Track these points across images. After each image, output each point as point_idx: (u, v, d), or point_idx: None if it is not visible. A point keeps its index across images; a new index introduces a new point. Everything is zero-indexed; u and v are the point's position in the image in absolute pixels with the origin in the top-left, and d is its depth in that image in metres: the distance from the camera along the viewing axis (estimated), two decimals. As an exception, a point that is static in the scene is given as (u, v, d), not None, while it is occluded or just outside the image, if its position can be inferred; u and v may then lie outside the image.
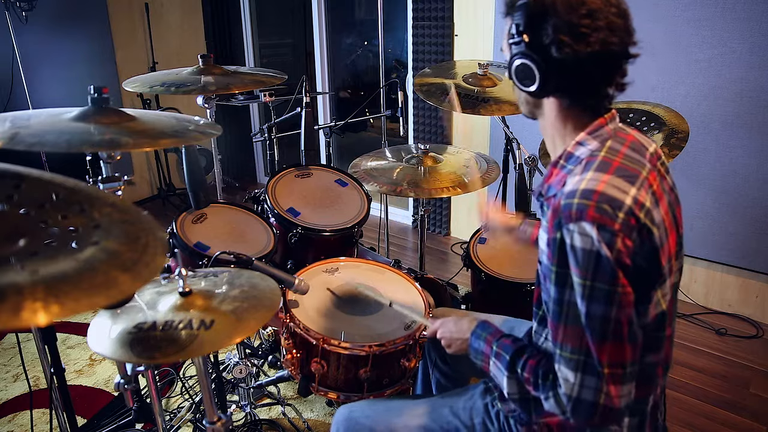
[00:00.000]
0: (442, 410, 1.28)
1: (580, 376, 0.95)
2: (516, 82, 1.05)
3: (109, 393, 2.29)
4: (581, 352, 0.95)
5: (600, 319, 0.92)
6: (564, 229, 0.93)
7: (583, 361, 0.95)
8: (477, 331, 1.22)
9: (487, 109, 2.07)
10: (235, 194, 4.62)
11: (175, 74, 1.96)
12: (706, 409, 2.20)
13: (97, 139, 1.18)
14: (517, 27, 1.00)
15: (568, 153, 1.06)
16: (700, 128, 2.63)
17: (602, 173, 0.96)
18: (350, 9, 5.05)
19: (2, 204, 0.76)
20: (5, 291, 0.61)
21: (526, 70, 1.01)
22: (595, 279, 0.91)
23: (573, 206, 0.93)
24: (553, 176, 1.08)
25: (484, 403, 1.25)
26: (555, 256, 0.96)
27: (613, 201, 0.92)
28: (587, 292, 0.92)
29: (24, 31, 3.43)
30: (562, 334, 0.97)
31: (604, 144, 1.03)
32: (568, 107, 1.06)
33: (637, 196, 0.94)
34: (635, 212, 0.93)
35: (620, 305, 0.92)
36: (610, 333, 0.93)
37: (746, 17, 2.45)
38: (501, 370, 1.12)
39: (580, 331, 0.95)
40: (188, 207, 2.00)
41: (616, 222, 0.91)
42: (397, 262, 2.04)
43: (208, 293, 1.15)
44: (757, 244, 2.67)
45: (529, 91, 1.04)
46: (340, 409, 1.36)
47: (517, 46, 1.01)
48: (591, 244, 0.91)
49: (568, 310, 0.96)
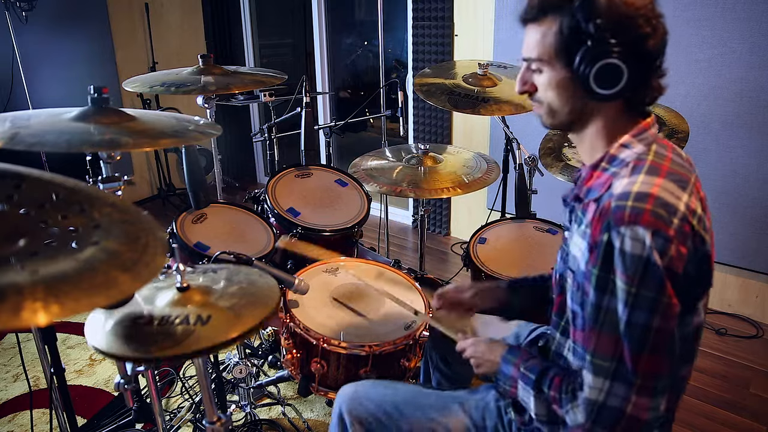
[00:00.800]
0: (451, 405, 1.26)
1: (609, 383, 0.92)
2: (593, 86, 0.94)
3: (109, 393, 2.29)
4: (614, 360, 0.91)
5: (641, 328, 0.88)
6: (613, 232, 0.89)
7: (615, 368, 0.91)
8: (507, 357, 1.18)
9: (487, 109, 2.06)
10: (235, 194, 4.62)
11: (175, 74, 1.96)
12: (706, 409, 2.20)
13: (97, 139, 1.18)
14: (588, 25, 0.91)
15: (611, 155, 1.01)
16: (700, 128, 2.63)
17: (654, 176, 0.92)
18: (350, 9, 5.05)
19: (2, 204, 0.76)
20: (5, 291, 0.61)
21: (612, 71, 0.93)
22: (641, 286, 0.88)
23: (626, 208, 0.88)
24: (593, 179, 1.03)
25: (497, 406, 1.23)
26: (599, 258, 0.92)
27: (668, 206, 0.88)
28: (631, 300, 0.88)
29: (24, 31, 3.43)
30: (596, 340, 0.93)
31: (650, 147, 0.98)
32: (624, 111, 1.01)
33: (689, 202, 0.91)
34: (689, 219, 0.90)
35: (664, 316, 0.88)
36: (650, 343, 0.89)
37: (746, 17, 2.45)
38: (528, 390, 1.09)
39: (615, 338, 0.91)
40: (188, 207, 1.99)
41: (671, 228, 0.87)
42: (397, 262, 2.04)
43: (206, 289, 1.15)
44: (757, 244, 2.67)
45: (602, 94, 0.95)
46: (344, 388, 1.34)
47: (600, 45, 0.92)
48: (642, 250, 0.87)
49: (605, 317, 0.92)
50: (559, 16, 0.95)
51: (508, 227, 2.17)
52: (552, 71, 0.99)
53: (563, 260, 1.12)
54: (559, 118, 1.04)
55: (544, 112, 1.06)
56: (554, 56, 0.98)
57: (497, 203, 2.60)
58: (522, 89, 1.07)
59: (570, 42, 0.94)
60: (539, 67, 1.01)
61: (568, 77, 0.98)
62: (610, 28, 0.91)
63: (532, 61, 1.02)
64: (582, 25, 0.92)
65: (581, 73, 0.94)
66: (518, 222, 2.19)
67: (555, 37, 0.96)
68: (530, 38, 1.01)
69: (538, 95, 1.04)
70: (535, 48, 1.00)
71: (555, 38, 0.96)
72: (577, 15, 0.92)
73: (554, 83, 1.00)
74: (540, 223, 2.15)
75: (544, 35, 0.97)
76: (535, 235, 2.11)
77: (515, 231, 2.15)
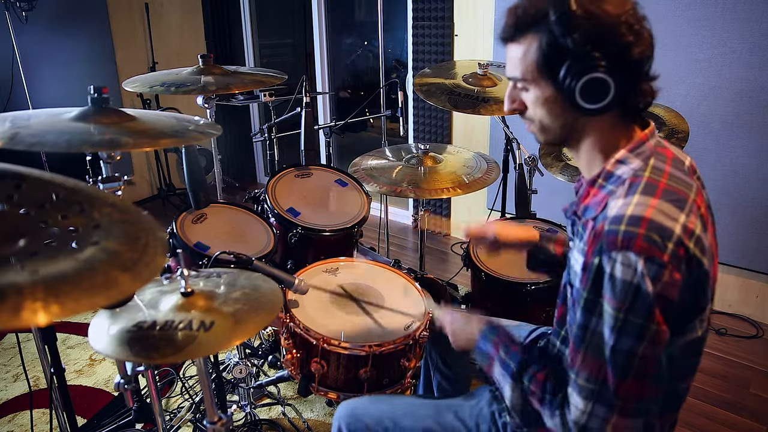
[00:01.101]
0: (446, 414, 1.26)
1: (591, 405, 0.91)
2: (580, 102, 0.92)
3: (109, 393, 2.29)
4: (597, 382, 0.90)
5: (626, 354, 0.87)
6: (605, 256, 0.87)
7: (597, 391, 0.91)
8: (485, 333, 1.17)
9: (487, 109, 2.06)
10: (235, 194, 4.62)
11: (175, 74, 1.96)
12: (706, 409, 2.20)
13: (97, 139, 1.18)
14: (567, 40, 0.89)
15: (608, 172, 0.98)
16: (700, 128, 2.63)
17: (649, 197, 0.89)
18: (350, 9, 5.05)
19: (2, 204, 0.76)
20: (5, 291, 0.61)
21: (598, 85, 0.90)
22: (629, 312, 0.86)
23: (619, 233, 0.86)
24: (590, 196, 1.01)
25: (491, 411, 1.23)
26: (589, 281, 0.90)
27: (662, 230, 0.85)
28: (619, 325, 0.87)
29: (24, 31, 3.43)
30: (581, 361, 0.92)
31: (647, 163, 0.95)
32: (618, 121, 0.98)
33: (687, 223, 0.87)
34: (684, 242, 0.86)
35: (651, 342, 0.87)
36: (634, 369, 0.88)
37: (746, 17, 2.45)
38: (506, 377, 1.09)
39: (600, 362, 0.90)
40: (188, 207, 1.99)
41: (665, 253, 0.84)
42: (397, 262, 2.04)
43: (210, 294, 1.15)
44: (757, 244, 2.67)
45: (591, 109, 0.92)
46: (341, 405, 1.34)
47: (582, 59, 0.89)
48: (632, 276, 0.84)
49: (591, 339, 0.91)
50: (537, 32, 0.92)
51: (508, 227, 2.17)
52: (538, 89, 0.97)
53: (567, 272, 1.10)
54: (552, 134, 1.02)
55: (536, 130, 1.04)
56: (538, 74, 0.95)
57: (497, 203, 2.60)
58: (511, 107, 1.05)
59: (551, 58, 0.92)
60: (524, 85, 0.99)
61: (556, 93, 0.95)
62: (590, 41, 0.88)
63: (517, 80, 1.00)
64: (561, 41, 0.90)
65: (567, 88, 0.92)
66: (518, 222, 2.19)
67: (536, 54, 0.93)
68: (512, 57, 0.98)
69: (529, 113, 1.03)
70: (517, 67, 0.98)
71: (536, 55, 0.93)
72: (555, 30, 0.90)
73: (542, 100, 0.98)
74: (540, 223, 2.15)
75: (525, 53, 0.95)
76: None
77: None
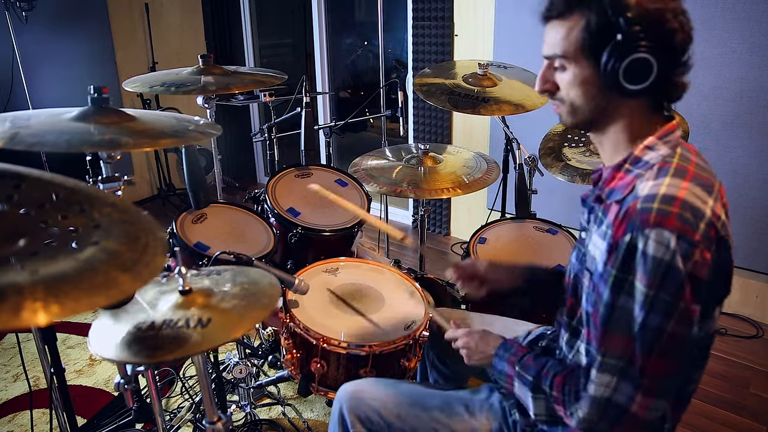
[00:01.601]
0: (456, 406, 1.25)
1: (617, 381, 0.92)
2: (622, 82, 0.93)
3: (109, 393, 2.29)
4: (623, 359, 0.91)
5: (654, 331, 0.88)
6: (638, 233, 0.88)
7: (623, 368, 0.91)
8: (500, 353, 1.18)
9: (487, 109, 2.06)
10: (235, 194, 4.62)
11: (175, 74, 1.96)
12: (706, 409, 2.20)
13: (97, 139, 1.18)
14: (619, 19, 0.90)
15: (636, 157, 0.99)
16: (700, 128, 2.63)
17: (681, 179, 0.91)
18: (350, 9, 5.05)
19: (2, 204, 0.76)
20: (5, 291, 0.61)
21: (642, 65, 0.91)
22: (660, 289, 0.87)
23: (653, 210, 0.87)
24: (616, 180, 1.02)
25: (502, 407, 1.23)
26: (618, 259, 0.91)
27: (695, 210, 0.88)
28: (649, 302, 0.88)
29: (24, 31, 3.43)
30: (608, 339, 0.93)
31: (675, 150, 0.97)
32: (647, 109, 1.00)
33: (714, 207, 0.90)
34: (715, 223, 0.89)
35: (679, 320, 0.88)
36: (661, 346, 0.89)
37: (746, 17, 2.45)
38: (526, 391, 1.09)
39: (627, 338, 0.91)
40: (188, 207, 2.00)
41: (698, 233, 0.86)
42: (397, 262, 2.04)
43: (209, 291, 1.15)
44: (757, 244, 2.67)
45: (630, 90, 0.94)
46: (343, 386, 1.33)
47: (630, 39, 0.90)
48: (665, 253, 0.86)
49: (620, 317, 0.91)
50: (587, 11, 0.93)
51: (508, 227, 2.17)
52: (577, 68, 0.98)
53: (579, 261, 1.10)
54: (582, 116, 1.02)
55: (565, 111, 1.04)
56: (580, 52, 0.96)
57: (497, 203, 2.60)
58: (543, 88, 1.05)
59: (599, 37, 0.93)
60: (563, 64, 0.99)
61: (594, 73, 0.96)
62: (639, 22, 0.90)
63: (555, 59, 1.00)
64: (612, 19, 0.91)
65: (610, 68, 0.93)
66: (518, 222, 2.19)
67: (582, 32, 0.94)
68: (553, 35, 0.99)
69: (560, 94, 1.03)
70: (559, 45, 0.98)
71: (582, 34, 0.94)
72: (607, 9, 0.91)
73: (579, 80, 0.98)
74: (540, 223, 2.16)
75: (570, 31, 0.96)
76: (535, 235, 2.11)
77: (515, 231, 2.15)
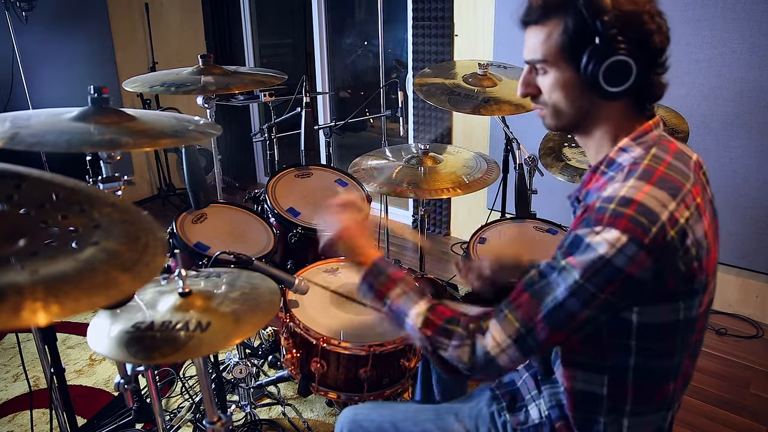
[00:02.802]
0: (447, 417, 1.26)
1: (509, 343, 0.96)
2: (602, 84, 0.94)
3: (109, 393, 2.29)
4: (526, 327, 0.95)
5: (567, 313, 0.92)
6: (590, 229, 0.90)
7: (522, 335, 0.95)
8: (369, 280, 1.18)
9: (487, 109, 2.06)
10: (235, 194, 4.62)
11: (175, 74, 1.96)
12: (706, 409, 2.20)
13: (97, 139, 1.18)
14: (596, 22, 0.92)
15: (610, 159, 1.01)
16: (700, 128, 2.63)
17: (644, 182, 0.92)
18: (350, 9, 5.05)
19: (2, 204, 0.76)
20: (5, 291, 0.61)
21: (621, 68, 0.93)
22: (589, 280, 0.89)
23: (608, 211, 0.89)
24: (592, 182, 1.03)
25: (490, 412, 1.23)
26: (567, 247, 0.93)
27: (650, 214, 0.88)
28: (575, 287, 0.91)
29: (24, 31, 3.43)
30: (522, 300, 0.97)
31: (648, 151, 0.98)
32: (629, 111, 1.01)
33: (674, 212, 0.90)
34: (666, 229, 0.88)
35: (592, 308, 0.91)
36: (566, 325, 0.93)
37: (746, 17, 2.45)
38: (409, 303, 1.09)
39: (536, 306, 0.94)
40: (188, 207, 2.00)
41: (648, 236, 0.87)
42: (397, 262, 2.04)
43: (208, 294, 1.15)
44: (757, 244, 2.67)
45: (611, 92, 0.95)
46: (344, 412, 1.35)
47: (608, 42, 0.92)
48: (608, 250, 0.87)
49: (544, 287, 0.94)
50: (564, 15, 0.94)
51: (508, 227, 2.17)
52: (557, 71, 0.99)
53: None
54: (566, 119, 1.03)
55: (549, 114, 1.05)
56: (560, 56, 0.97)
57: (497, 203, 2.60)
58: (525, 92, 1.06)
59: (577, 41, 0.94)
60: (544, 68, 1.00)
61: (575, 76, 0.97)
62: (617, 24, 0.91)
63: (535, 63, 1.01)
64: (589, 23, 0.92)
65: (590, 71, 0.94)
66: (518, 222, 2.19)
67: (560, 36, 0.95)
68: (533, 40, 1.00)
69: (543, 97, 1.03)
70: (538, 49, 0.99)
71: (560, 38, 0.95)
72: (584, 13, 0.92)
73: (560, 83, 0.99)
74: (540, 223, 2.15)
75: (549, 36, 0.96)
76: (535, 235, 2.11)
77: (515, 231, 2.15)
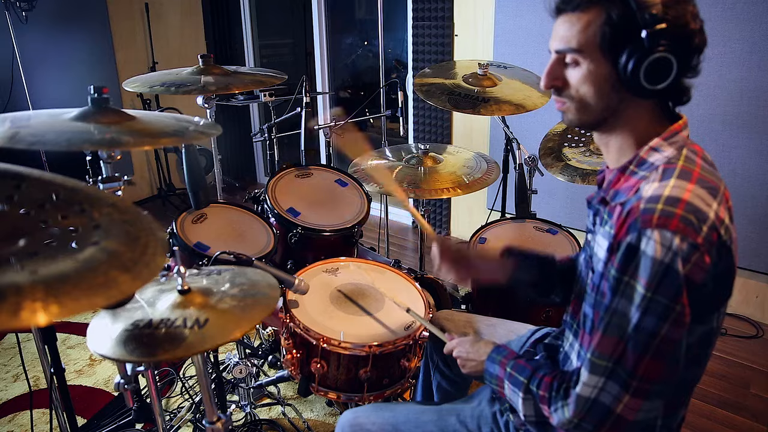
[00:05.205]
0: (449, 418, 1.26)
1: (604, 381, 0.92)
2: (642, 81, 0.91)
3: (109, 393, 2.29)
4: (611, 359, 0.91)
5: (648, 333, 0.87)
6: (638, 234, 0.87)
7: (611, 368, 0.91)
8: (492, 356, 1.17)
9: (487, 109, 2.06)
10: (235, 194, 4.62)
11: (175, 74, 1.96)
12: (706, 409, 2.20)
13: (97, 137, 1.18)
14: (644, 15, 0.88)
15: (641, 159, 0.97)
16: (700, 128, 2.63)
17: (686, 182, 0.89)
18: (350, 9, 5.04)
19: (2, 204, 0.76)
20: (5, 291, 0.61)
21: (663, 65, 0.90)
22: (657, 291, 0.86)
23: (656, 212, 0.86)
24: (621, 182, 1.00)
25: (492, 412, 1.23)
26: (618, 260, 0.90)
27: (698, 212, 0.86)
28: (645, 303, 0.87)
29: (24, 31, 3.43)
30: (598, 340, 0.93)
31: (681, 152, 0.95)
32: (656, 110, 0.98)
33: (718, 211, 0.89)
34: (717, 228, 0.87)
35: (674, 323, 0.87)
36: (653, 348, 0.88)
37: (746, 17, 2.45)
38: (516, 392, 1.08)
39: (617, 340, 0.90)
40: (188, 207, 1.99)
41: (700, 235, 0.85)
42: (397, 262, 2.04)
43: (207, 291, 1.15)
44: (757, 244, 2.67)
45: (649, 90, 0.92)
46: (345, 414, 1.34)
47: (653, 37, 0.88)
48: (665, 254, 0.84)
49: (612, 317, 0.91)
50: (608, 4, 0.91)
51: (508, 227, 2.17)
52: (591, 64, 0.94)
53: (586, 263, 1.10)
54: (592, 115, 0.99)
55: (573, 109, 1.00)
56: (597, 47, 0.93)
57: (497, 203, 2.60)
58: (552, 84, 1.00)
59: (620, 33, 0.90)
60: (577, 59, 0.96)
61: (611, 70, 0.94)
62: (664, 20, 0.88)
63: (569, 53, 0.96)
64: (637, 15, 0.89)
65: (631, 66, 0.90)
66: (518, 222, 2.19)
67: (601, 27, 0.91)
68: (569, 28, 0.95)
69: (570, 91, 0.99)
70: (574, 39, 0.94)
71: (601, 28, 0.91)
72: (632, 3, 0.89)
73: (593, 76, 0.95)
74: (540, 223, 2.16)
75: (588, 25, 0.92)
76: (535, 235, 2.11)
77: (515, 231, 2.15)
